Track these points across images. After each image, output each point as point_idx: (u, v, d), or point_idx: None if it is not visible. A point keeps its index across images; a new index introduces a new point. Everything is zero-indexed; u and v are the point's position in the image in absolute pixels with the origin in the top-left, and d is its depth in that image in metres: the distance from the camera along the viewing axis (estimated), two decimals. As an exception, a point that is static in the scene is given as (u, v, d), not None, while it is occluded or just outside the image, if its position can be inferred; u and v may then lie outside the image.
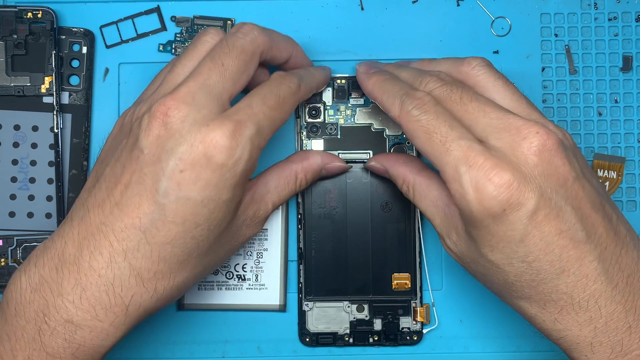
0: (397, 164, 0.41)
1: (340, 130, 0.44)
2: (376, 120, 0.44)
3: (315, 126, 0.44)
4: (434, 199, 0.38)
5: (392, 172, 0.41)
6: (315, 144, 0.44)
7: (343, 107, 0.44)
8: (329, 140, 0.44)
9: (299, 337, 0.44)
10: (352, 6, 0.45)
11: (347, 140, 0.44)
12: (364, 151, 0.44)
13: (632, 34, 0.45)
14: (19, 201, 0.43)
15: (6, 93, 0.43)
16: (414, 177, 0.39)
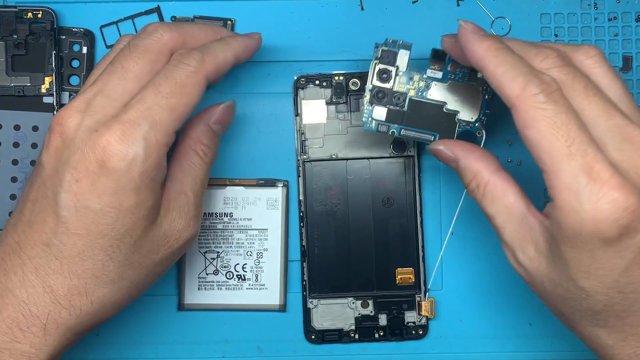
0: (473, 156, 0.36)
1: (409, 103, 0.39)
2: (451, 100, 0.39)
3: (382, 91, 0.39)
4: (509, 206, 0.34)
5: (463, 164, 0.36)
6: (377, 112, 0.39)
7: (417, 78, 0.39)
8: (393, 111, 0.39)
9: (305, 335, 0.44)
10: (352, 6, 0.45)
11: (413, 116, 0.39)
12: (429, 132, 0.39)
13: (632, 34, 0.45)
14: (19, 201, 0.43)
15: (6, 93, 0.43)
16: (490, 175, 0.35)
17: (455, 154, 0.36)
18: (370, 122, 0.39)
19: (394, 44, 0.39)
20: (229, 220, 0.44)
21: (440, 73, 0.39)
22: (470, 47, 0.34)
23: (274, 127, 0.45)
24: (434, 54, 0.39)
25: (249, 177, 0.44)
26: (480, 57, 0.33)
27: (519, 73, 0.32)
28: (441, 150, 0.37)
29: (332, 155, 0.44)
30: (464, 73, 0.39)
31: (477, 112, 0.40)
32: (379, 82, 0.39)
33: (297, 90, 0.44)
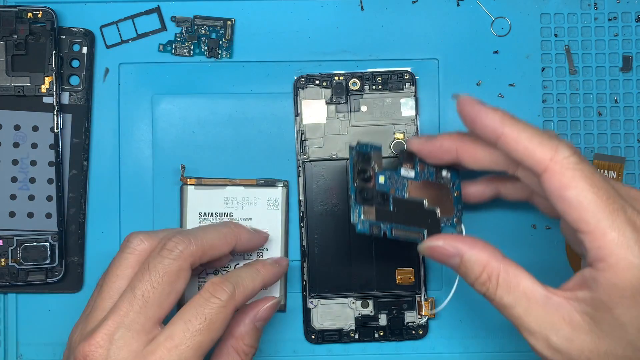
0: (478, 247, 0.34)
1: (392, 202, 0.38)
2: (428, 198, 0.39)
3: (366, 190, 0.38)
4: (528, 291, 0.33)
5: (469, 256, 0.34)
6: (367, 212, 0.37)
7: (394, 177, 0.39)
8: (381, 210, 0.38)
9: (305, 335, 0.44)
10: (352, 6, 0.45)
11: (399, 214, 0.38)
12: (417, 229, 0.38)
13: (632, 34, 0.45)
14: (19, 201, 0.43)
15: (6, 93, 0.43)
16: (499, 264, 0.33)
17: (457, 248, 0.34)
18: (363, 223, 0.38)
19: (365, 146, 0.39)
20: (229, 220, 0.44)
21: (413, 172, 0.39)
22: (482, 117, 0.34)
23: (274, 127, 0.45)
24: (405, 155, 0.39)
25: (249, 177, 0.44)
26: (498, 125, 0.33)
27: (544, 137, 0.32)
28: (441, 247, 0.35)
29: (332, 155, 0.44)
30: (430, 172, 0.40)
31: (452, 208, 0.40)
32: (361, 182, 0.38)
33: (297, 90, 0.44)
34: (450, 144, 0.37)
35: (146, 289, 0.35)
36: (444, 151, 0.38)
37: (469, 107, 0.34)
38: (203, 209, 0.44)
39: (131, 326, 0.34)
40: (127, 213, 0.45)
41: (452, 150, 0.37)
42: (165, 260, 0.35)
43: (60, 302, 0.45)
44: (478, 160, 0.37)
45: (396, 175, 0.39)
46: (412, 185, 0.39)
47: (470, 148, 0.37)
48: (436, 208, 0.39)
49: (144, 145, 0.45)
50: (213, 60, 0.45)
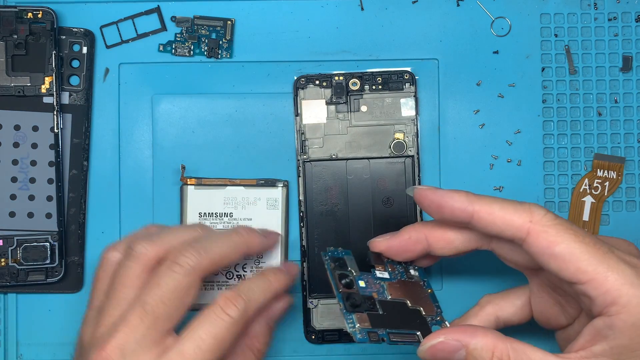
0: (481, 333, 0.33)
1: (379, 305, 0.36)
2: (408, 297, 0.37)
3: (352, 297, 0.36)
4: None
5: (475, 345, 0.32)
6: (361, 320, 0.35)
7: (371, 280, 0.37)
8: (373, 315, 0.35)
9: (305, 335, 0.44)
10: (352, 6, 0.45)
11: (390, 317, 0.36)
12: (412, 332, 0.36)
13: (632, 34, 0.45)
14: (19, 201, 0.43)
15: (6, 93, 0.43)
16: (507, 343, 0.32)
17: (461, 339, 0.33)
18: (361, 331, 0.35)
19: (336, 251, 0.38)
20: (229, 220, 0.44)
21: (387, 273, 0.38)
22: (449, 201, 0.34)
23: (274, 127, 0.45)
24: (373, 256, 0.38)
25: (249, 177, 0.44)
26: (467, 205, 0.33)
27: (515, 204, 0.33)
28: (443, 342, 0.33)
29: (332, 155, 0.44)
30: (400, 272, 0.39)
31: (431, 306, 0.38)
32: (345, 289, 0.36)
33: (297, 90, 0.44)
34: (418, 234, 0.37)
35: (157, 305, 0.35)
36: (413, 242, 0.37)
37: (432, 195, 0.35)
38: (203, 209, 0.44)
39: (142, 341, 0.34)
40: (127, 213, 0.45)
41: (422, 240, 0.37)
42: (177, 275, 0.35)
43: (60, 302, 0.45)
44: (451, 243, 0.36)
45: (372, 277, 0.37)
46: (390, 287, 0.38)
47: (439, 233, 0.36)
48: (419, 307, 0.37)
49: (144, 145, 0.45)
50: (213, 60, 0.45)
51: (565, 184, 0.45)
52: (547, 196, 0.45)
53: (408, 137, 0.44)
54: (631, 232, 0.45)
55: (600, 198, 0.45)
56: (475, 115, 0.45)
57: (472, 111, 0.45)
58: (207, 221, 0.44)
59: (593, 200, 0.45)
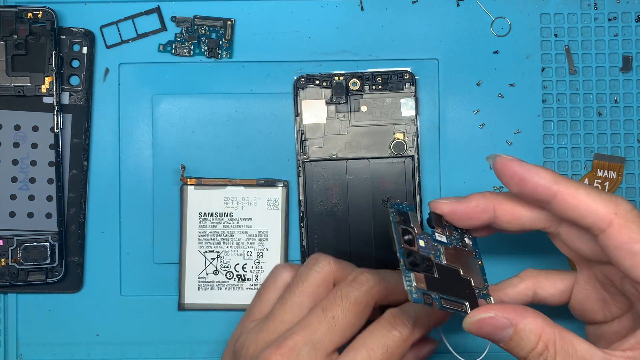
0: (528, 314, 0.32)
1: (436, 269, 0.35)
2: (462, 265, 0.36)
3: (412, 254, 0.34)
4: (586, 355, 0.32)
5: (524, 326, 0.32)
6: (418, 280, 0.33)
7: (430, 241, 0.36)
8: (429, 277, 0.34)
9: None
10: (352, 6, 0.45)
11: (444, 282, 0.35)
12: (460, 300, 0.35)
13: (632, 34, 0.45)
14: (19, 201, 0.43)
15: (6, 93, 0.43)
16: (555, 329, 0.32)
17: (510, 318, 0.32)
18: (417, 292, 0.33)
19: (402, 205, 0.36)
20: (229, 220, 0.44)
21: (444, 237, 0.37)
22: (534, 177, 0.33)
23: (274, 127, 0.45)
24: (434, 218, 0.37)
25: (249, 177, 0.44)
26: (552, 184, 0.33)
27: (602, 194, 0.32)
28: (492, 318, 0.32)
29: (332, 155, 0.44)
30: (456, 238, 0.38)
31: (480, 277, 0.37)
32: (407, 245, 0.35)
33: (297, 90, 0.44)
34: (486, 203, 0.36)
35: (337, 313, 0.35)
36: (480, 211, 0.36)
37: (516, 167, 0.33)
38: (203, 209, 0.44)
39: (317, 345, 0.34)
40: (127, 213, 0.45)
41: (489, 210, 0.36)
42: (357, 291, 0.36)
43: (60, 302, 0.45)
44: (518, 219, 0.36)
45: (432, 239, 0.36)
46: (446, 251, 0.36)
47: (509, 206, 0.36)
48: (470, 278, 0.36)
49: (144, 145, 0.45)
50: (213, 60, 0.45)
51: (565, 184, 0.45)
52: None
53: (408, 137, 0.44)
54: (631, 232, 0.45)
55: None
56: (475, 115, 0.45)
57: (472, 111, 0.45)
58: (207, 221, 0.44)
59: (593, 200, 0.45)
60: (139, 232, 0.45)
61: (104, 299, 0.45)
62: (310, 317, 0.35)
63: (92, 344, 0.45)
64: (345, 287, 0.36)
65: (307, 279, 0.37)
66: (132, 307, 0.45)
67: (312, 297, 0.36)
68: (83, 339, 0.45)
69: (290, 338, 0.34)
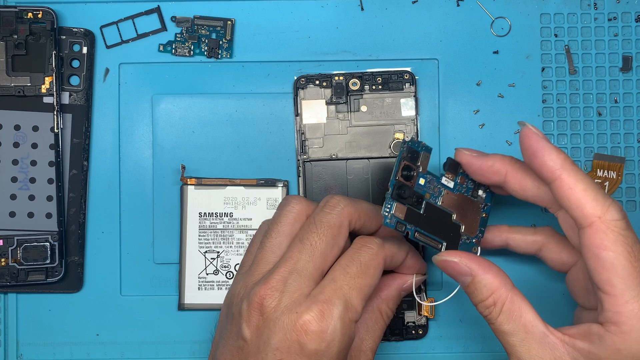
0: (492, 272, 0.36)
1: (425, 206, 0.38)
2: (457, 211, 0.39)
3: (404, 188, 0.37)
4: (527, 324, 0.34)
5: (481, 279, 0.35)
6: (398, 209, 0.37)
7: (433, 182, 0.39)
8: (411, 211, 0.38)
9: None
10: (352, 6, 0.45)
11: (426, 219, 0.38)
12: (438, 240, 0.39)
13: (632, 34, 0.45)
14: (19, 201, 0.43)
15: (6, 93, 0.43)
16: (508, 293, 0.35)
17: (472, 268, 0.36)
18: (391, 218, 0.38)
19: (418, 144, 0.38)
20: (229, 220, 0.44)
21: (452, 183, 0.39)
22: (543, 154, 0.34)
23: (274, 127, 0.45)
24: (450, 163, 0.39)
25: (249, 177, 0.44)
26: (557, 168, 0.34)
27: (599, 194, 0.33)
28: (456, 263, 0.36)
29: (332, 155, 0.44)
30: (468, 187, 0.40)
31: (475, 228, 0.40)
32: (402, 179, 0.38)
33: (297, 90, 0.44)
34: (501, 166, 0.37)
35: (314, 240, 0.36)
36: (493, 172, 0.37)
37: (534, 141, 0.34)
38: (203, 209, 0.44)
39: (302, 272, 0.35)
40: (127, 213, 0.45)
41: (501, 173, 0.37)
42: (328, 215, 0.37)
43: (60, 302, 0.45)
44: (525, 190, 0.37)
45: (436, 181, 0.39)
46: (447, 196, 0.39)
47: (520, 176, 0.37)
48: (461, 224, 0.39)
49: (144, 145, 0.45)
50: (213, 60, 0.45)
51: (565, 184, 0.45)
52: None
53: (408, 137, 0.44)
54: (631, 232, 0.45)
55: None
56: (475, 115, 0.45)
57: (472, 111, 0.45)
58: (207, 221, 0.44)
59: (593, 200, 0.45)
60: (139, 232, 0.45)
61: (104, 299, 0.45)
62: (290, 250, 0.36)
63: (92, 344, 0.45)
64: (317, 213, 0.37)
65: (281, 220, 0.38)
66: (132, 307, 0.45)
67: (289, 236, 0.37)
68: (83, 339, 0.45)
69: (275, 272, 0.35)
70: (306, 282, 0.35)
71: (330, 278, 0.35)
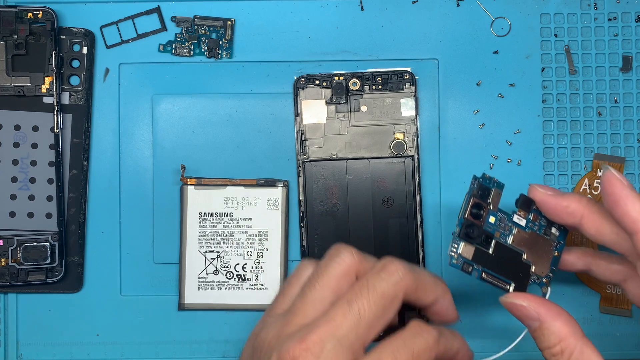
0: (561, 319, 0.34)
1: (494, 246, 0.37)
2: (528, 250, 0.38)
3: (473, 227, 0.36)
4: None
5: (549, 326, 0.34)
6: (465, 249, 0.36)
7: (504, 220, 0.37)
8: (479, 251, 0.37)
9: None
10: (352, 6, 0.45)
11: (495, 259, 0.37)
12: (506, 280, 0.37)
13: (632, 34, 0.45)
14: (19, 201, 0.43)
15: (6, 93, 0.43)
16: (578, 342, 0.33)
17: (540, 313, 0.34)
18: (457, 258, 0.36)
19: (490, 180, 0.37)
20: (229, 220, 0.44)
21: (524, 220, 0.38)
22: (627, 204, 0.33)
23: (274, 127, 0.45)
24: (523, 201, 0.38)
25: (249, 177, 0.44)
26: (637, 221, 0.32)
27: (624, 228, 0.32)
28: (524, 307, 0.35)
29: (332, 155, 0.44)
30: (541, 225, 0.38)
31: (546, 267, 0.38)
32: (471, 217, 0.36)
33: (297, 90, 0.44)
34: (577, 208, 0.36)
35: (363, 306, 0.33)
36: (568, 213, 0.36)
37: (617, 188, 0.33)
38: (203, 209, 0.44)
39: (343, 340, 0.32)
40: (127, 213, 0.45)
41: (577, 215, 0.36)
42: (385, 282, 0.34)
43: (60, 302, 0.45)
44: (602, 235, 0.35)
45: (507, 219, 0.37)
46: (518, 234, 0.38)
47: (597, 220, 0.35)
48: (532, 263, 0.38)
49: (144, 145, 0.45)
50: (213, 60, 0.45)
51: (565, 184, 0.45)
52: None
53: (408, 137, 0.44)
54: (631, 232, 0.45)
55: (600, 198, 0.45)
56: (475, 115, 0.45)
57: (472, 111, 0.45)
58: (207, 221, 0.44)
59: (593, 200, 0.45)
60: (139, 232, 0.45)
61: (104, 299, 0.45)
62: (334, 311, 0.33)
63: (92, 344, 0.45)
64: (372, 277, 0.34)
65: (328, 271, 0.34)
66: (132, 307, 0.45)
67: (334, 291, 0.34)
68: (83, 339, 0.45)
69: (314, 332, 0.32)
70: (345, 354, 0.32)
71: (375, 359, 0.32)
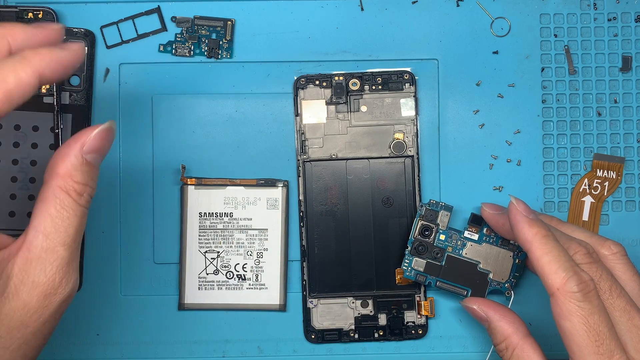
0: (505, 319, 0.39)
1: (446, 259, 0.43)
2: (484, 260, 0.43)
3: (422, 245, 0.42)
4: None
5: (495, 326, 0.39)
6: (417, 263, 0.43)
7: (455, 237, 0.43)
8: (431, 264, 0.42)
9: (304, 335, 0.44)
10: (352, 6, 0.45)
11: (449, 270, 0.43)
12: (463, 287, 0.43)
13: (632, 35, 0.45)
14: (19, 201, 0.43)
15: (6, 93, 0.43)
16: (520, 340, 0.38)
17: (487, 314, 0.39)
18: (410, 271, 0.43)
19: (436, 204, 0.43)
20: (229, 220, 0.44)
21: (477, 235, 0.43)
22: (519, 228, 0.37)
23: (274, 127, 0.45)
24: (473, 219, 0.43)
25: (249, 177, 0.44)
26: (528, 240, 0.36)
27: (561, 267, 0.35)
28: (474, 309, 0.40)
29: (332, 155, 0.44)
30: (497, 237, 0.43)
31: (507, 274, 0.43)
32: (420, 236, 0.42)
33: (297, 90, 0.44)
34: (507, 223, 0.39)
35: None
36: (506, 230, 0.41)
37: (513, 214, 0.37)
38: (203, 209, 0.44)
39: None
40: (127, 213, 0.45)
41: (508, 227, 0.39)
42: None
43: (60, 302, 0.45)
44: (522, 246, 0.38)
45: (459, 235, 0.43)
46: (472, 247, 0.43)
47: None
48: (489, 272, 0.43)
49: (144, 145, 0.45)
50: (213, 61, 0.45)
51: (564, 184, 0.45)
52: (546, 196, 0.45)
53: (408, 137, 0.44)
54: (630, 232, 0.45)
55: (599, 198, 0.45)
56: (475, 115, 0.45)
57: (472, 111, 0.45)
58: (207, 221, 0.44)
59: (592, 200, 0.45)
60: (138, 232, 0.45)
61: (104, 299, 0.45)
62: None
63: (92, 344, 0.45)
64: None
65: None
66: (132, 307, 0.45)
67: None
68: (83, 339, 0.45)
69: None
70: None
71: None
